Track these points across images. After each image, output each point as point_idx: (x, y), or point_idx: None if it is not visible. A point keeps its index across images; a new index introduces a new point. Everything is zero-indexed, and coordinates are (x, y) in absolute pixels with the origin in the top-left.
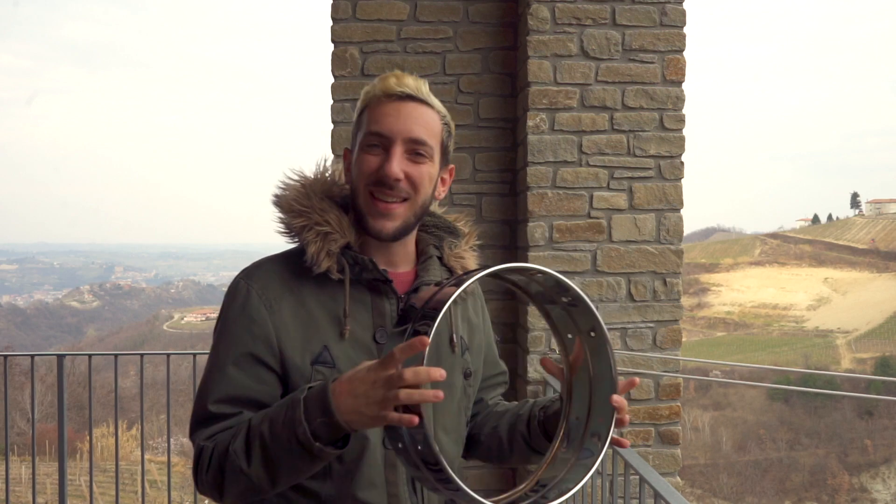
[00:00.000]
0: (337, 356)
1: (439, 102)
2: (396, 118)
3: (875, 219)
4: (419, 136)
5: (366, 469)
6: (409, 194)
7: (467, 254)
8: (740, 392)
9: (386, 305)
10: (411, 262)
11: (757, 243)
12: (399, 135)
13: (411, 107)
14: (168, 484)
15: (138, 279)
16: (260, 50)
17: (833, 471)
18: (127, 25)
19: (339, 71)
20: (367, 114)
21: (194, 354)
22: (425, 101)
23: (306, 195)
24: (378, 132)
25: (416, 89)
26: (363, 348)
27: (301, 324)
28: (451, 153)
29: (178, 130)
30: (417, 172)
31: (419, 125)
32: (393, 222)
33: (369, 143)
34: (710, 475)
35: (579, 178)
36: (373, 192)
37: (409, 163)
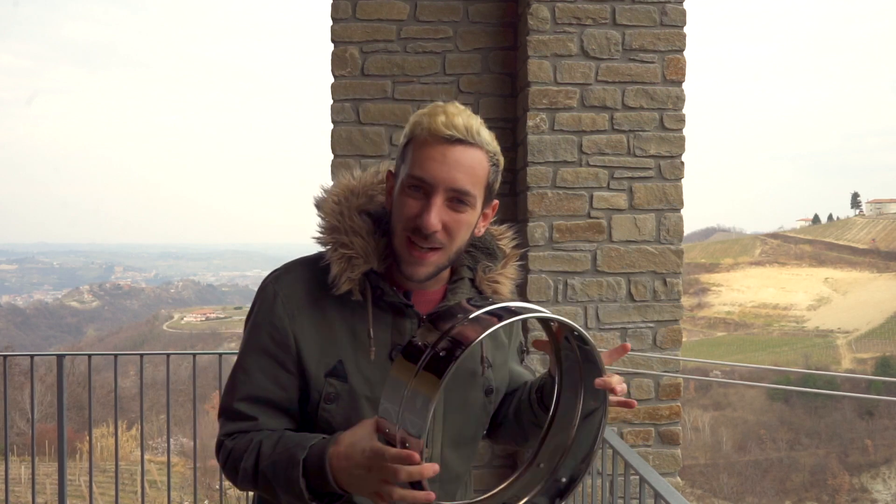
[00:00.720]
0: (350, 371)
1: (490, 136)
2: (441, 165)
3: (875, 219)
4: (462, 187)
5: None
6: (443, 244)
7: (503, 278)
8: (740, 392)
9: (407, 325)
10: (442, 281)
11: (757, 243)
12: (441, 184)
13: (458, 151)
14: (168, 484)
15: (138, 279)
16: (260, 50)
17: (833, 471)
18: (127, 25)
19: (339, 71)
20: (411, 149)
21: (194, 354)
22: (474, 143)
23: (340, 212)
24: (421, 178)
25: (466, 131)
26: (379, 366)
27: (320, 335)
28: (497, 188)
29: (178, 130)
30: (455, 222)
31: (463, 173)
32: (426, 269)
33: (411, 185)
34: (711, 475)
35: (579, 178)
36: (409, 237)
37: (448, 210)
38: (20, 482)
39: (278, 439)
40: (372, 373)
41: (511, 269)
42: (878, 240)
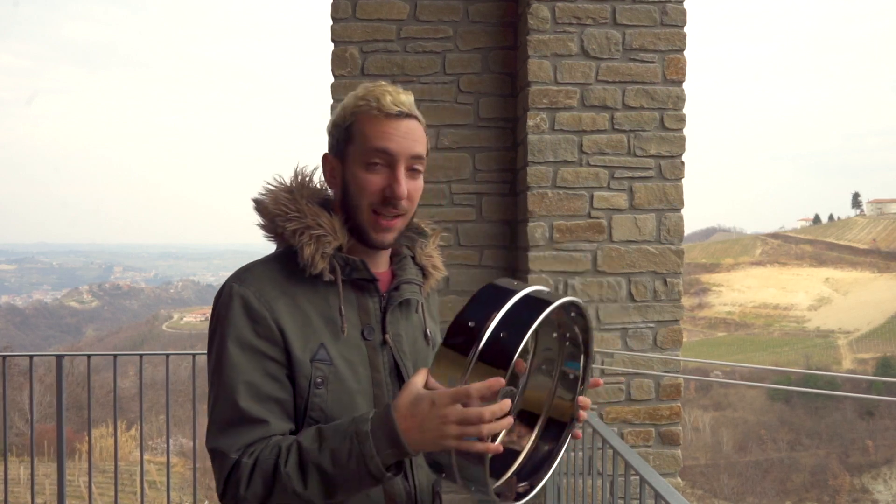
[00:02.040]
0: (333, 355)
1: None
2: (399, 137)
3: (876, 219)
4: (419, 152)
5: None
6: (406, 210)
7: (435, 252)
8: (741, 392)
9: (370, 304)
10: (387, 263)
11: (758, 243)
12: (403, 153)
13: (407, 124)
14: (167, 484)
15: (138, 279)
16: (260, 50)
17: (834, 471)
18: (127, 25)
19: (339, 70)
20: (360, 127)
21: (194, 355)
22: (415, 116)
23: (294, 200)
24: (385, 150)
25: (410, 106)
26: (354, 346)
27: (298, 322)
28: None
29: (178, 130)
30: (415, 188)
31: (417, 141)
32: (392, 233)
33: (371, 161)
34: (711, 476)
35: (579, 177)
36: (376, 209)
37: (408, 180)
38: (19, 482)
39: (317, 432)
40: (349, 353)
41: (437, 245)
42: (879, 240)
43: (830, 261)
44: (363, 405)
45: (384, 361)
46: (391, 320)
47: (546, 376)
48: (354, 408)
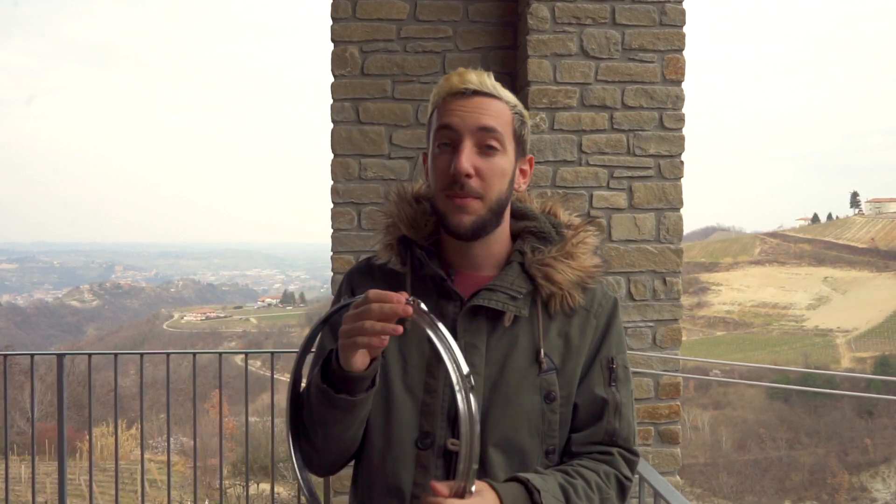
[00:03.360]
0: (390, 348)
1: (509, 93)
2: (462, 112)
3: (875, 218)
4: (487, 124)
5: (392, 467)
6: (480, 193)
7: (558, 264)
8: (740, 391)
9: (449, 307)
10: (496, 268)
11: (757, 242)
12: (466, 127)
13: (476, 100)
14: (168, 483)
15: (138, 278)
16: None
17: (833, 470)
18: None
19: (338, 70)
20: (435, 116)
21: (194, 354)
22: (491, 93)
23: (399, 195)
24: (447, 125)
25: (480, 83)
26: (416, 345)
27: None
28: (528, 143)
29: (178, 130)
30: (488, 167)
31: (486, 115)
32: (469, 216)
33: (440, 142)
34: (710, 474)
35: (579, 177)
36: (447, 192)
37: (478, 157)
38: (20, 481)
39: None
40: (409, 351)
41: (576, 258)
42: (878, 239)
43: (829, 260)
44: (405, 409)
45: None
46: (466, 327)
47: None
48: (394, 408)
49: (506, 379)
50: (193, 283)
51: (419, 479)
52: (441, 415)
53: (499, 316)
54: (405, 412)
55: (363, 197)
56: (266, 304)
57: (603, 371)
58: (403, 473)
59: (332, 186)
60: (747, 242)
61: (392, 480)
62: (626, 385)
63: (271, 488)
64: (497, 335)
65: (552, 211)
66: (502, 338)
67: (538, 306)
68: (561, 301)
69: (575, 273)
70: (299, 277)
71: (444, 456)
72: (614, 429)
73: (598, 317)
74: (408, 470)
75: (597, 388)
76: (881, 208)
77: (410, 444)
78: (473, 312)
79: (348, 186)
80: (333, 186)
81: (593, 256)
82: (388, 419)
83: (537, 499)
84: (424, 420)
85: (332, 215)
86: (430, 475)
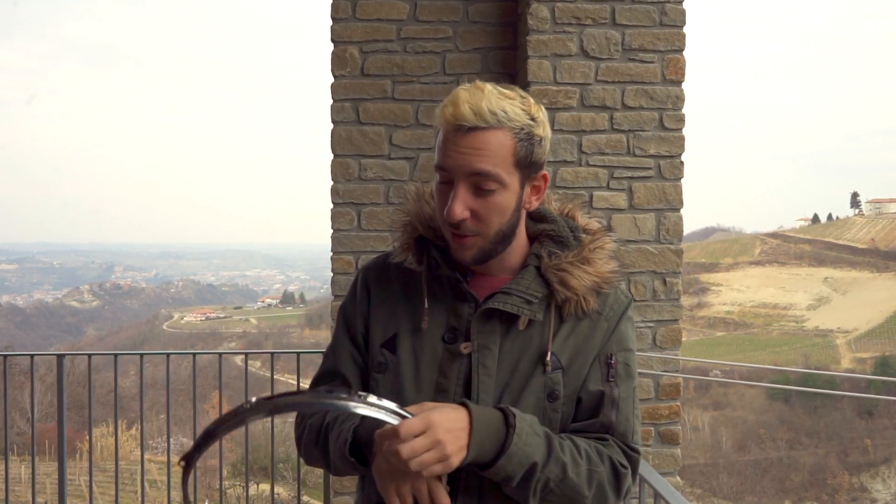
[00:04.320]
0: (403, 347)
1: (516, 110)
2: (456, 153)
3: (875, 218)
4: (481, 169)
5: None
6: (476, 231)
7: (574, 269)
8: (740, 392)
9: (464, 308)
10: (513, 271)
11: (757, 243)
12: (459, 171)
13: (470, 138)
14: (168, 484)
15: (138, 279)
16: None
17: (833, 470)
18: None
19: (338, 71)
20: (437, 141)
21: (194, 354)
22: (488, 125)
23: (418, 194)
24: (441, 166)
25: (476, 115)
26: (430, 345)
27: (387, 307)
28: (541, 159)
29: (177, 130)
30: (484, 207)
31: (479, 156)
32: (470, 251)
33: (439, 178)
34: (710, 475)
35: (579, 177)
36: (448, 227)
37: (474, 198)
38: (20, 482)
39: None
40: (422, 350)
41: (592, 263)
42: (878, 239)
43: (829, 260)
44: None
45: (459, 371)
46: (480, 329)
47: None
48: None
49: (515, 381)
50: (193, 283)
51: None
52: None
53: (513, 319)
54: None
55: (363, 197)
56: (266, 304)
57: (601, 366)
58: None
59: (332, 187)
60: (747, 243)
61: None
62: (627, 382)
63: (271, 489)
64: (510, 338)
65: (570, 214)
66: (515, 340)
67: (552, 310)
68: (575, 305)
69: (591, 278)
70: (299, 278)
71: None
72: (610, 422)
73: (608, 319)
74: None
75: (593, 383)
76: (881, 209)
77: None
78: (488, 315)
79: (348, 187)
80: (333, 187)
81: (610, 261)
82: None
83: (511, 421)
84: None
85: (331, 215)
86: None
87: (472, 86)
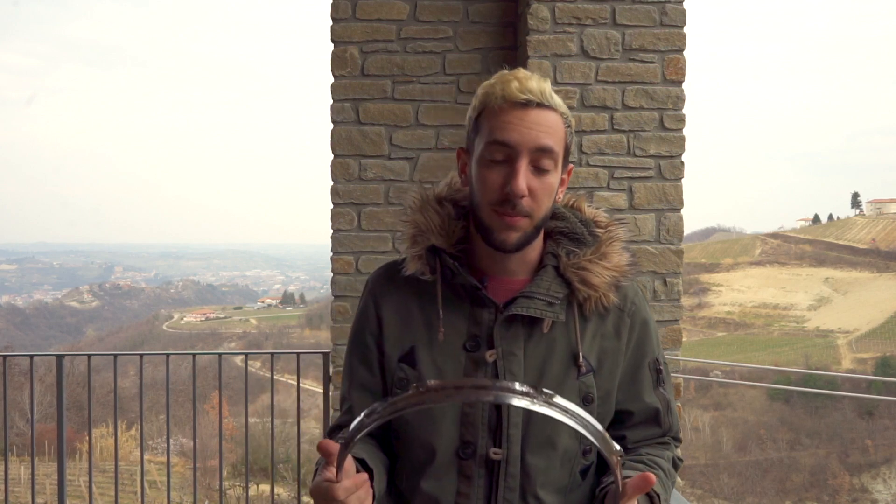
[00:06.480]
0: (421, 358)
1: (560, 99)
2: (521, 128)
3: (876, 219)
4: (546, 144)
5: (434, 478)
6: (530, 211)
7: (593, 266)
8: (741, 392)
9: (484, 315)
10: (529, 271)
11: (757, 243)
12: (525, 145)
13: (535, 113)
14: (168, 484)
15: (138, 279)
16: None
17: (834, 471)
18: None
19: (338, 71)
20: (485, 119)
21: (194, 354)
22: (549, 105)
23: (423, 200)
24: (504, 141)
25: (541, 94)
26: (451, 355)
27: (400, 320)
28: (574, 151)
29: (178, 130)
30: (541, 187)
31: (544, 132)
32: (517, 233)
33: (492, 155)
34: (711, 475)
35: (579, 178)
36: (497, 209)
37: (532, 176)
38: (20, 482)
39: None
40: (444, 361)
41: (609, 258)
42: (879, 240)
43: (830, 261)
44: (445, 419)
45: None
46: (503, 335)
47: None
48: (433, 420)
49: (545, 384)
50: (193, 283)
51: (463, 489)
52: (482, 424)
53: (535, 322)
54: (445, 423)
55: (363, 198)
56: (266, 304)
57: (651, 374)
58: (446, 484)
59: (332, 187)
60: (748, 243)
61: (434, 492)
62: (669, 381)
63: (271, 489)
64: (534, 341)
65: (576, 206)
66: (539, 343)
67: (574, 309)
68: (596, 302)
69: (610, 273)
70: (299, 278)
71: (486, 465)
72: (670, 426)
73: (631, 315)
74: (450, 480)
75: (648, 394)
76: (882, 209)
77: (452, 455)
78: (510, 319)
79: (348, 187)
80: (333, 187)
81: (624, 253)
82: (429, 431)
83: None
84: (465, 430)
85: (331, 216)
86: (473, 485)
87: (517, 70)
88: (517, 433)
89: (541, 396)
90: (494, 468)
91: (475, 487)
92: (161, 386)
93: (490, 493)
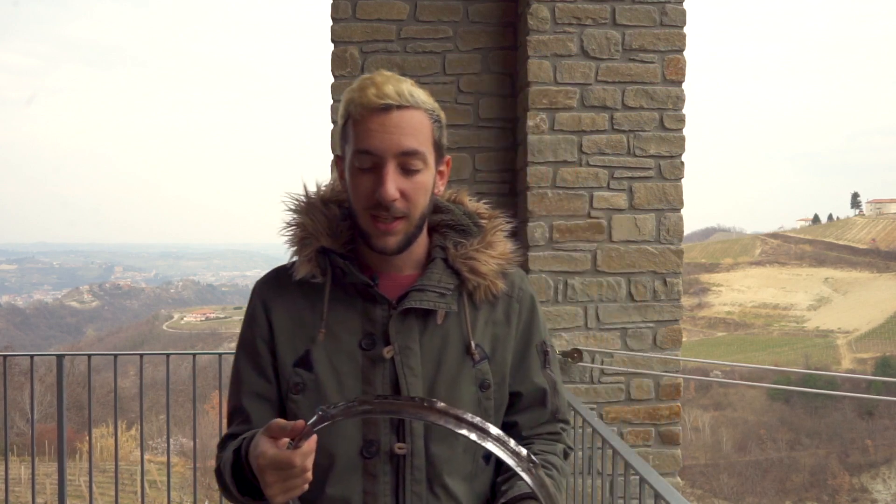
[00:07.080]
0: (319, 361)
1: (424, 95)
2: (384, 133)
3: (875, 218)
4: (410, 147)
5: (339, 481)
6: (405, 212)
7: (481, 255)
8: (740, 392)
9: (378, 312)
10: (418, 266)
11: (757, 243)
12: (389, 151)
13: (396, 116)
14: (168, 484)
15: (138, 279)
16: (260, 50)
17: (833, 471)
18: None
19: (339, 71)
20: (350, 127)
21: (194, 354)
22: (409, 104)
23: (308, 203)
24: (367, 150)
25: (398, 96)
26: (346, 354)
27: (291, 324)
28: (446, 144)
29: (178, 130)
30: (412, 187)
31: (407, 135)
32: (395, 237)
33: (360, 164)
34: (711, 475)
35: (579, 178)
36: (372, 214)
37: (402, 178)
38: (20, 482)
39: (236, 445)
40: (340, 362)
41: (495, 246)
42: (879, 240)
43: (830, 261)
44: (345, 422)
45: (383, 376)
46: (398, 330)
47: None
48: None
49: (442, 375)
50: (193, 283)
51: (369, 489)
52: (384, 421)
53: (429, 314)
54: (346, 424)
55: None
56: None
57: (539, 355)
58: (352, 486)
59: None
60: (748, 243)
61: (340, 495)
62: (555, 363)
63: None
64: (429, 334)
65: (458, 200)
66: (434, 335)
67: (464, 299)
68: (485, 290)
69: (496, 261)
70: None
71: (391, 461)
72: (557, 407)
73: (520, 300)
74: (356, 481)
75: (536, 375)
76: (882, 209)
77: (355, 456)
78: (404, 314)
79: None
80: None
81: (508, 241)
82: (329, 435)
83: None
84: (367, 429)
85: None
86: (379, 482)
87: (377, 73)
88: (420, 426)
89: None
90: (400, 463)
91: (381, 484)
92: (161, 386)
93: (397, 488)
